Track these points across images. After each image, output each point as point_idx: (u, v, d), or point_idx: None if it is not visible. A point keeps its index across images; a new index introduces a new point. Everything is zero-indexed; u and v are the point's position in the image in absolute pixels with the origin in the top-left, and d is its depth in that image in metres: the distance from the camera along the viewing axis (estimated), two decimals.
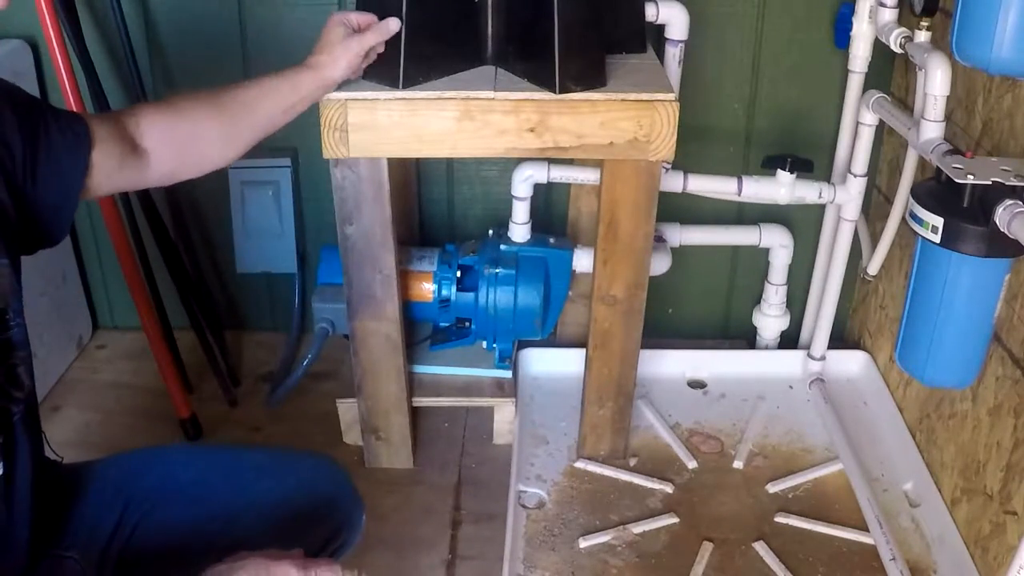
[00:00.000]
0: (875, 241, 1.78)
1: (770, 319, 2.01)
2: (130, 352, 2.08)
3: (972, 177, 1.16)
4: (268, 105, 1.24)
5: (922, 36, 1.42)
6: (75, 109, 1.63)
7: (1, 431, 0.88)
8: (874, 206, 1.94)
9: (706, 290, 2.11)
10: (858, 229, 1.82)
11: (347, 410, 1.78)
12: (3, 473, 0.89)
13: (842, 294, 1.87)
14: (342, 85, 1.34)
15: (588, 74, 1.35)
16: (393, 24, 1.30)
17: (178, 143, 1.15)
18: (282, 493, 1.09)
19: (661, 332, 2.07)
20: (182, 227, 2.00)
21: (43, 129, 0.96)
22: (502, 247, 1.77)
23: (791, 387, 1.95)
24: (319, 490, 1.12)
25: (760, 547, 1.54)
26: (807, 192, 1.73)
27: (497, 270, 1.74)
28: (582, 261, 1.78)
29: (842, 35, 1.71)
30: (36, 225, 0.97)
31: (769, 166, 1.71)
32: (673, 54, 1.67)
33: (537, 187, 1.75)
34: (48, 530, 0.99)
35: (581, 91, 1.34)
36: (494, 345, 1.82)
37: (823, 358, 1.94)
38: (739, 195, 1.73)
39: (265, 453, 1.21)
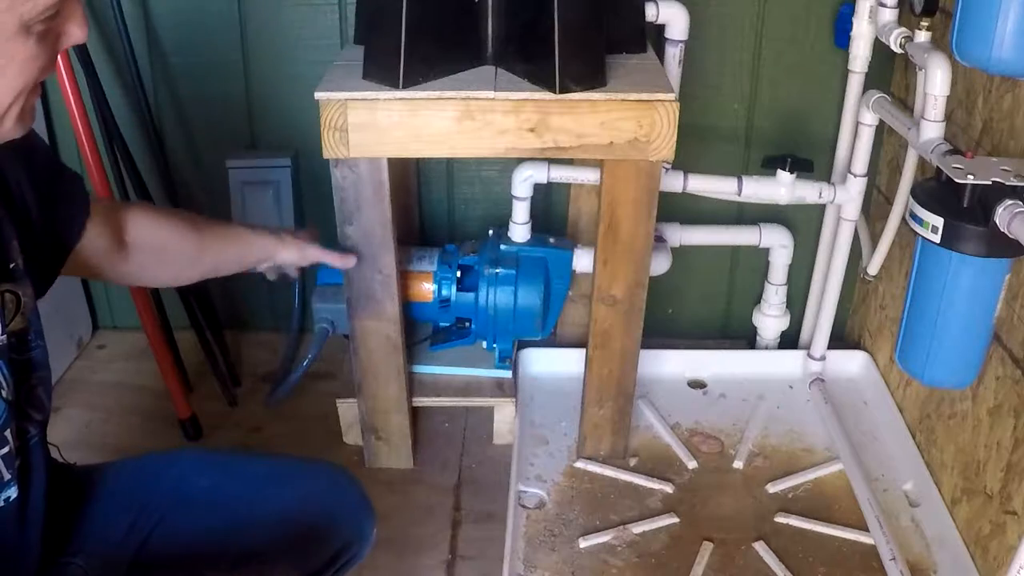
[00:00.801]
0: (875, 241, 1.78)
1: (770, 319, 2.01)
2: (130, 352, 2.08)
3: (972, 177, 1.16)
4: (230, 250, 1.29)
5: (922, 36, 1.42)
6: (75, 108, 1.63)
7: (18, 454, 0.88)
8: (874, 206, 1.94)
9: (706, 290, 2.11)
10: (858, 229, 1.82)
11: (347, 410, 1.78)
12: (18, 495, 0.88)
13: (842, 294, 1.87)
14: (342, 85, 1.35)
15: (588, 74, 1.35)
16: (352, 261, 1.43)
17: (151, 248, 1.16)
18: (296, 503, 1.08)
19: (661, 332, 2.06)
20: None
21: (58, 167, 1.00)
22: (502, 247, 1.77)
23: (791, 387, 1.95)
24: (332, 501, 1.11)
25: (760, 547, 1.54)
26: (807, 192, 1.73)
27: (497, 270, 1.74)
28: (582, 261, 1.78)
29: (842, 35, 1.71)
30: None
31: (769, 166, 1.71)
32: (673, 54, 1.67)
33: (537, 187, 1.75)
34: (55, 538, 0.99)
35: (581, 91, 1.34)
36: (494, 345, 1.82)
37: (823, 358, 1.94)
38: (739, 195, 1.73)
39: (280, 462, 1.20)
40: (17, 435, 0.87)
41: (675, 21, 1.64)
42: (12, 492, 0.87)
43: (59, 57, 1.60)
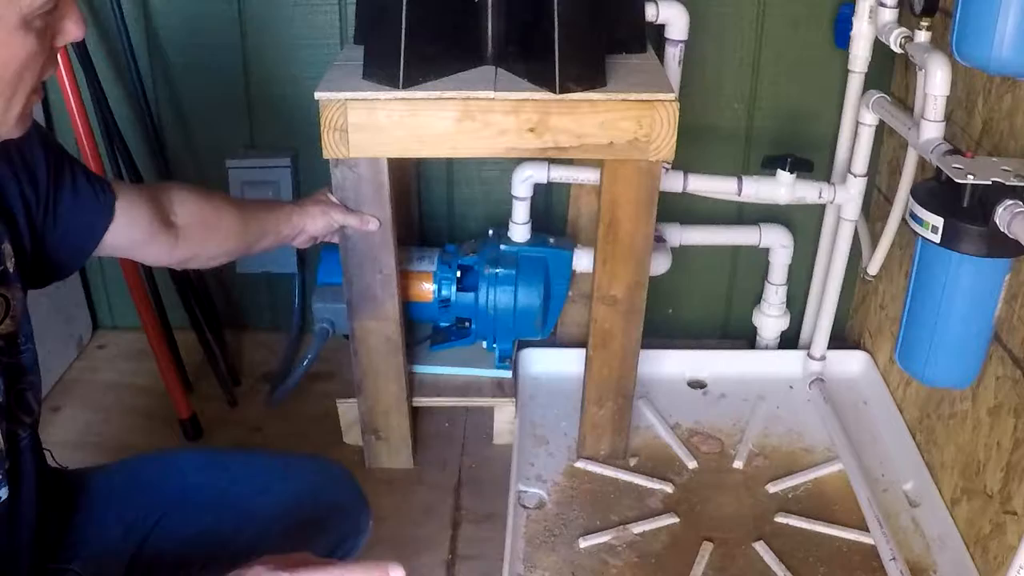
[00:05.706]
0: (875, 241, 1.78)
1: (770, 319, 2.01)
2: (130, 352, 2.08)
3: (972, 177, 1.16)
4: (268, 220, 1.35)
5: (922, 36, 1.42)
6: (75, 108, 1.63)
7: (8, 456, 0.88)
8: (874, 206, 1.94)
9: (706, 290, 2.11)
10: (858, 229, 1.82)
11: (347, 410, 1.78)
12: (8, 497, 0.88)
13: (842, 294, 1.87)
14: (342, 86, 1.35)
15: (588, 74, 1.35)
16: (372, 224, 1.44)
17: (203, 226, 1.22)
18: (293, 498, 1.09)
19: (661, 332, 2.07)
20: None
21: (70, 174, 0.99)
22: (502, 247, 1.77)
23: (791, 387, 1.95)
24: (328, 495, 1.12)
25: (760, 547, 1.54)
26: (807, 192, 1.73)
27: (497, 270, 1.74)
28: (582, 261, 1.78)
29: (842, 35, 1.71)
30: (47, 261, 0.98)
31: (769, 166, 1.71)
32: (673, 54, 1.67)
33: (537, 187, 1.75)
34: (48, 544, 0.99)
35: (581, 91, 1.34)
36: (494, 345, 1.82)
37: (823, 358, 1.94)
38: (739, 195, 1.73)
39: (275, 458, 1.21)
40: (7, 438, 0.88)
41: (675, 21, 1.64)
42: (3, 493, 0.87)
43: (59, 57, 1.61)
